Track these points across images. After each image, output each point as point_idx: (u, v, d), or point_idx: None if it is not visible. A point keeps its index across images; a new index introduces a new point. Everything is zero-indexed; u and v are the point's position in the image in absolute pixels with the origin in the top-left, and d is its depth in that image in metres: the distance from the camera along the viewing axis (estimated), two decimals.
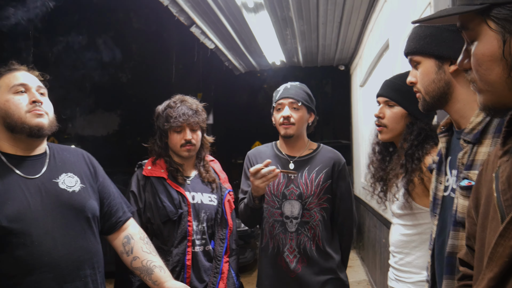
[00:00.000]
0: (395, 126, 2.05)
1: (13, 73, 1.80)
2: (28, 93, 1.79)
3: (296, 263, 2.43)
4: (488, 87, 0.91)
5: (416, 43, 1.52)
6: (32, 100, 1.77)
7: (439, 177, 1.52)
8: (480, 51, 0.91)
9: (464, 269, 1.14)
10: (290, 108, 2.45)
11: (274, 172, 2.27)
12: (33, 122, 1.75)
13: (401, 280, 2.08)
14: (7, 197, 1.68)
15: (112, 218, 2.00)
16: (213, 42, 6.69)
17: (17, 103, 1.75)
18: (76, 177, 1.88)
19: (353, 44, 7.15)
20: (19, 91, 1.77)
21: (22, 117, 1.74)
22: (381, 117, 2.08)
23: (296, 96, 2.46)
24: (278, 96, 2.50)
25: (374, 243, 5.60)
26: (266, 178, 2.27)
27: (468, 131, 1.34)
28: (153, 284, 1.97)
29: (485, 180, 1.02)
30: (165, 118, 2.39)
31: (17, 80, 1.78)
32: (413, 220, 2.00)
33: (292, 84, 2.54)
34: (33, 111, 1.76)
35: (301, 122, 2.48)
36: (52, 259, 1.69)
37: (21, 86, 1.78)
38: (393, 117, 2.05)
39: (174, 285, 1.93)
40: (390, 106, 2.06)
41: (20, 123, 1.74)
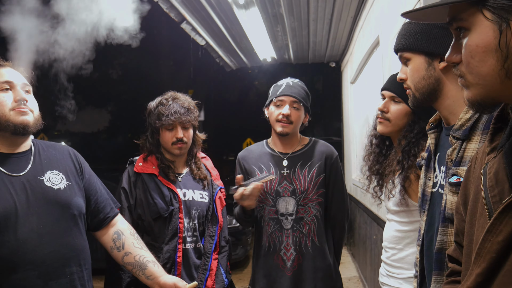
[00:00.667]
0: (398, 122, 2.05)
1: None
2: (13, 90, 1.77)
3: (292, 261, 2.43)
4: (479, 80, 0.90)
5: (406, 39, 1.53)
6: (16, 98, 1.75)
7: (427, 173, 1.53)
8: (474, 41, 0.90)
9: (452, 265, 1.15)
10: (291, 107, 2.44)
11: (258, 187, 2.32)
12: (18, 120, 1.73)
13: (392, 276, 2.09)
14: None
15: (99, 215, 2.00)
16: (204, 38, 6.67)
17: (1, 101, 1.72)
18: (61, 174, 1.87)
19: (344, 41, 7.16)
20: (4, 89, 1.75)
21: (6, 115, 1.72)
22: (385, 111, 2.08)
23: (298, 96, 2.45)
24: (280, 91, 2.47)
25: (365, 239, 5.62)
26: (253, 195, 2.32)
27: (457, 127, 1.35)
28: (146, 279, 1.98)
29: (473, 176, 1.03)
30: (157, 116, 2.38)
31: (1, 78, 1.75)
32: (409, 217, 2.01)
33: (294, 82, 2.52)
34: (18, 109, 1.74)
35: (299, 122, 2.49)
36: (37, 257, 1.69)
37: (6, 83, 1.75)
38: (397, 113, 2.05)
39: (169, 279, 1.95)
40: (396, 102, 2.07)
41: (4, 121, 1.72)
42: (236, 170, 2.62)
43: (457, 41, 0.97)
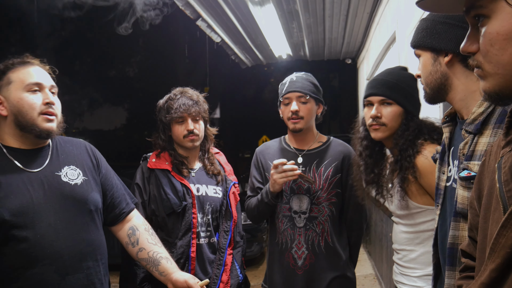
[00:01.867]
0: (394, 124, 2.02)
1: (27, 68, 1.79)
2: (42, 92, 1.79)
3: (304, 259, 2.40)
4: (498, 69, 0.88)
5: (415, 36, 1.56)
6: (46, 102, 1.77)
7: (441, 167, 1.52)
8: (494, 29, 0.87)
9: (466, 261, 1.14)
10: (298, 102, 2.40)
11: (295, 172, 2.26)
12: (44, 126, 1.76)
13: (406, 274, 2.07)
14: (10, 191, 1.68)
15: (115, 210, 2.01)
16: (219, 35, 6.68)
17: (31, 103, 1.75)
18: (78, 170, 1.88)
19: (360, 37, 7.11)
20: (33, 90, 1.77)
21: (34, 119, 1.75)
22: (379, 116, 2.04)
23: (303, 89, 2.40)
24: (284, 89, 2.44)
25: (381, 237, 5.58)
26: (286, 174, 2.26)
27: (470, 121, 1.35)
28: (159, 275, 1.98)
29: (487, 171, 1.01)
30: (166, 110, 2.39)
31: (32, 78, 1.77)
32: (413, 220, 1.99)
33: (298, 76, 2.47)
34: (46, 113, 1.77)
35: (310, 115, 2.43)
36: (54, 252, 1.71)
37: (36, 85, 1.77)
38: (392, 115, 2.02)
39: (181, 276, 1.95)
40: (387, 105, 2.04)
41: (31, 124, 1.75)
42: (252, 165, 2.61)
43: (473, 30, 0.95)
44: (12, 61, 1.80)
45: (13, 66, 1.78)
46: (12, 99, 1.74)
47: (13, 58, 1.81)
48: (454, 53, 1.44)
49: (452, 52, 1.44)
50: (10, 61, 1.80)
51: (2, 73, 1.77)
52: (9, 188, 1.69)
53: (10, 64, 1.78)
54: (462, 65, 1.45)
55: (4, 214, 1.64)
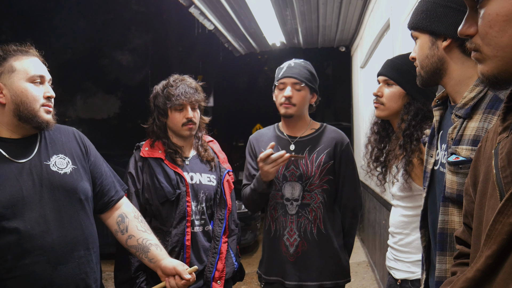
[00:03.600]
0: (392, 105, 2.06)
1: (29, 58, 1.78)
2: (44, 85, 1.79)
3: (296, 247, 2.40)
4: (497, 51, 0.86)
5: (413, 18, 1.53)
6: (47, 95, 1.78)
7: (430, 151, 1.53)
8: (494, 10, 0.85)
9: (461, 247, 1.14)
10: (293, 88, 2.39)
11: (284, 157, 2.24)
12: (45, 118, 1.77)
13: (400, 260, 2.08)
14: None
15: (104, 198, 2.00)
16: (213, 23, 6.63)
17: (35, 95, 1.75)
18: (67, 158, 1.86)
19: (354, 24, 7.08)
20: (37, 82, 1.77)
21: (36, 110, 1.75)
22: (379, 95, 2.09)
23: (300, 76, 2.40)
24: (281, 74, 2.44)
25: (374, 224, 5.61)
26: (276, 163, 2.24)
27: (460, 106, 1.35)
28: (149, 262, 1.99)
29: (483, 157, 1.01)
30: (166, 97, 2.37)
31: (36, 70, 1.77)
32: (414, 202, 2.00)
33: (296, 62, 2.47)
34: (47, 106, 1.77)
35: (303, 103, 2.43)
36: (45, 242, 1.70)
37: (39, 77, 1.77)
38: (391, 95, 2.06)
39: (170, 262, 1.95)
40: (389, 85, 2.08)
41: (32, 116, 1.74)
42: (246, 153, 2.60)
43: (472, 13, 0.93)
44: (13, 48, 1.77)
45: (14, 53, 1.76)
46: (15, 88, 1.73)
47: (12, 45, 1.79)
48: (453, 38, 1.42)
49: (451, 37, 1.43)
50: (10, 47, 1.77)
51: (2, 59, 1.74)
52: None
53: (11, 50, 1.76)
54: (460, 51, 1.43)
55: None
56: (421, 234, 1.56)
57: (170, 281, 1.95)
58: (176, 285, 1.94)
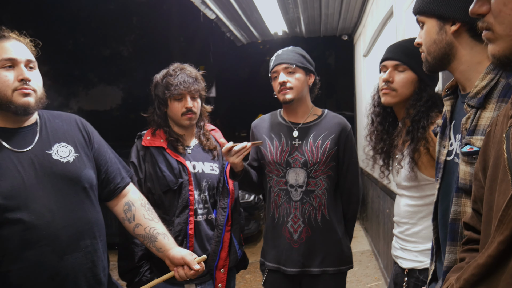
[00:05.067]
0: (405, 91, 2.00)
1: (1, 42, 1.70)
2: (16, 68, 1.69)
3: (300, 233, 2.41)
4: (510, 30, 0.84)
5: (419, 2, 1.48)
6: (20, 78, 1.68)
7: (442, 141, 1.49)
8: None
9: (469, 233, 1.12)
10: (285, 73, 2.39)
11: (246, 147, 2.28)
12: (20, 101, 1.68)
13: (406, 249, 2.06)
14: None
15: (110, 185, 1.97)
16: (214, 12, 6.57)
17: (4, 80, 1.66)
18: (69, 146, 1.83)
19: (357, 12, 7.02)
20: (6, 66, 1.68)
21: (8, 96, 1.67)
22: (390, 81, 2.02)
23: (288, 60, 2.39)
24: (271, 64, 2.45)
25: (377, 213, 5.60)
26: (240, 153, 2.27)
27: (472, 95, 1.31)
28: (157, 251, 1.96)
29: (493, 141, 0.98)
30: (165, 86, 2.35)
31: (5, 54, 1.68)
32: (420, 192, 1.97)
33: (284, 50, 2.47)
34: (21, 89, 1.68)
35: (300, 85, 2.41)
36: (50, 232, 1.68)
37: (9, 61, 1.68)
38: (403, 81, 1.99)
39: (178, 252, 1.92)
40: (400, 71, 2.01)
41: (5, 102, 1.67)
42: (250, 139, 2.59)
43: None
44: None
45: None
46: None
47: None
48: (463, 22, 1.37)
49: (460, 21, 1.38)
50: None
51: None
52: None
53: None
54: (469, 35, 1.39)
55: None
56: (433, 226, 1.53)
57: (179, 271, 1.92)
58: (185, 275, 1.92)
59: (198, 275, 1.96)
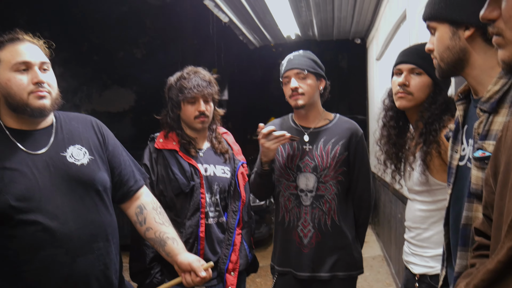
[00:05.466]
0: (421, 95, 1.99)
1: (16, 45, 1.71)
2: (31, 71, 1.71)
3: (310, 238, 2.40)
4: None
5: (431, 8, 1.47)
6: (34, 81, 1.70)
7: (455, 146, 1.48)
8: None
9: (480, 239, 1.11)
10: (297, 79, 2.39)
11: (285, 136, 2.30)
12: (36, 104, 1.70)
13: (418, 254, 2.05)
14: (14, 176, 1.66)
15: (123, 188, 1.97)
16: (227, 15, 6.60)
17: (19, 84, 1.68)
18: (84, 149, 1.84)
19: (370, 16, 7.00)
20: (21, 70, 1.69)
21: (24, 99, 1.69)
22: (406, 85, 2.00)
23: (300, 65, 2.39)
24: (283, 69, 2.45)
25: (389, 218, 5.57)
26: (278, 140, 2.29)
27: (485, 99, 1.30)
28: (166, 256, 1.96)
29: (504, 147, 0.98)
30: (179, 89, 2.36)
31: (19, 57, 1.69)
32: (432, 197, 1.96)
33: (295, 54, 2.47)
34: (36, 92, 1.70)
35: (311, 90, 2.42)
36: (64, 234, 1.69)
37: (23, 64, 1.69)
38: (420, 85, 1.98)
39: (185, 258, 1.91)
40: (416, 74, 2.00)
41: (22, 105, 1.69)
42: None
43: None
44: (2, 39, 1.72)
45: (2, 45, 1.71)
46: (1, 80, 1.69)
47: (3, 35, 1.74)
48: (477, 27, 1.36)
49: (474, 26, 1.37)
50: (0, 38, 1.73)
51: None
52: (13, 173, 1.66)
53: (1, 42, 1.71)
54: (483, 39, 1.38)
55: (10, 200, 1.62)
56: (445, 231, 1.52)
57: (186, 277, 1.92)
58: (191, 281, 1.91)
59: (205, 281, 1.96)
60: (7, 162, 1.67)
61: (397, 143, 2.12)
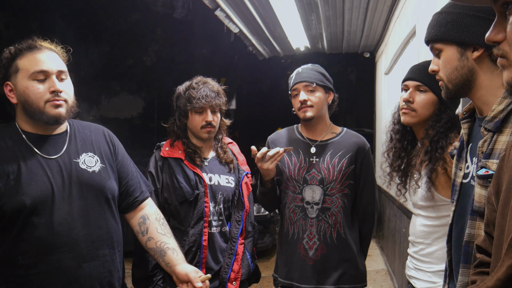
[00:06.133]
0: (424, 112, 2.00)
1: (34, 54, 1.74)
2: (48, 80, 1.74)
3: (315, 250, 2.41)
4: None
5: (437, 30, 1.48)
6: (51, 90, 1.73)
7: (459, 164, 1.49)
8: None
9: (481, 256, 1.12)
10: (306, 92, 2.42)
11: (279, 152, 2.30)
12: (52, 112, 1.73)
13: (420, 269, 2.05)
14: (30, 178, 1.69)
15: (129, 198, 2.00)
16: (238, 26, 6.65)
17: (37, 92, 1.71)
18: (96, 157, 1.87)
19: (379, 30, 7.03)
20: (39, 78, 1.72)
21: (40, 107, 1.72)
22: (410, 101, 2.02)
23: (309, 78, 2.42)
24: (292, 82, 2.48)
25: (394, 232, 5.55)
26: (274, 158, 2.30)
27: (489, 119, 1.31)
28: (166, 266, 1.97)
29: (507, 166, 0.99)
30: (187, 99, 2.39)
31: (37, 66, 1.72)
32: (437, 212, 1.96)
33: (304, 67, 2.50)
34: (52, 101, 1.73)
35: (320, 103, 2.44)
36: (71, 239, 1.71)
37: (41, 73, 1.72)
38: (424, 102, 1.99)
39: (184, 269, 1.92)
40: (421, 91, 2.01)
41: (38, 112, 1.73)
42: None
43: (500, 19, 0.92)
44: (21, 47, 1.75)
45: (21, 53, 1.74)
46: (19, 88, 1.72)
47: (22, 42, 1.77)
48: (485, 48, 1.38)
49: (482, 47, 1.38)
50: (19, 46, 1.76)
51: (11, 59, 1.73)
52: (30, 175, 1.69)
53: (18, 50, 1.74)
54: (490, 60, 1.39)
55: (26, 201, 1.65)
56: (447, 248, 1.52)
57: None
58: None
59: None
60: (23, 164, 1.70)
61: (402, 156, 2.14)
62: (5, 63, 1.75)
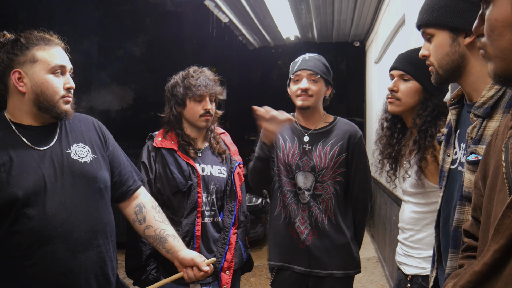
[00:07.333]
0: (409, 101, 2.02)
1: (52, 48, 1.76)
2: (64, 76, 1.79)
3: (306, 234, 2.44)
4: (498, 53, 0.89)
5: (429, 14, 1.48)
6: (67, 87, 1.78)
7: (447, 150, 1.51)
8: (493, 15, 0.89)
9: (468, 240, 1.14)
10: (309, 80, 2.43)
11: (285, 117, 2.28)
12: (63, 108, 1.77)
13: (410, 255, 2.07)
14: (22, 169, 1.68)
15: (122, 187, 2.01)
16: (227, 16, 6.63)
17: (55, 87, 1.74)
18: (87, 147, 1.87)
19: (369, 19, 7.03)
20: (57, 72, 1.76)
21: (55, 102, 1.75)
22: (395, 90, 2.05)
23: (315, 68, 2.43)
24: (296, 67, 2.48)
25: (384, 220, 5.60)
26: (278, 122, 2.29)
27: (479, 105, 1.32)
28: (166, 253, 2.00)
29: (493, 151, 1.01)
30: (186, 87, 2.38)
31: (57, 60, 1.75)
32: (426, 199, 1.99)
33: (311, 56, 2.51)
34: (66, 97, 1.77)
35: (319, 95, 2.47)
36: (65, 230, 1.71)
37: (60, 68, 1.77)
38: (407, 91, 2.02)
39: (188, 254, 1.97)
40: (405, 80, 2.03)
41: (51, 106, 1.74)
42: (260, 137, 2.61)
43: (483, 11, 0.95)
44: (35, 36, 1.76)
45: (37, 43, 1.74)
46: (36, 79, 1.72)
47: (35, 32, 1.78)
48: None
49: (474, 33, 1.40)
50: (33, 35, 1.76)
51: (25, 48, 1.72)
52: (21, 166, 1.69)
53: (34, 39, 1.74)
54: None
55: (18, 193, 1.64)
56: (436, 233, 1.55)
57: (188, 272, 1.97)
58: (194, 276, 1.96)
59: (208, 275, 1.99)
60: (14, 156, 1.69)
61: (393, 144, 2.16)
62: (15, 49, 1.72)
